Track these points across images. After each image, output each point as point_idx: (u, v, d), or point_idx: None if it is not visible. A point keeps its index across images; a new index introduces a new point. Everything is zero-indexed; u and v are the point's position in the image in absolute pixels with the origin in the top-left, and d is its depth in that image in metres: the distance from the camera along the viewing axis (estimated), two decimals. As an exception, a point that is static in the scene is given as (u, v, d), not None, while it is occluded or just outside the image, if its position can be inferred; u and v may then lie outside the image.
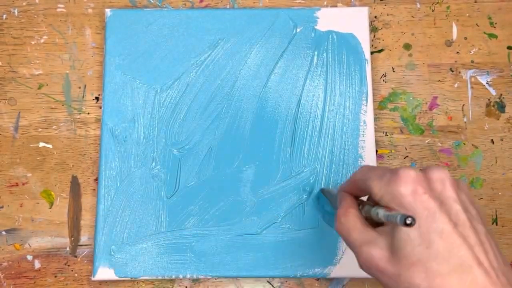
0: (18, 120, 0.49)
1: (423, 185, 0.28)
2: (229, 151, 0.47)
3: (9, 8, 0.51)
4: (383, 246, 0.29)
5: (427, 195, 0.28)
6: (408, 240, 0.27)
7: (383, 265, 0.28)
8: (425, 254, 0.26)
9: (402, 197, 0.28)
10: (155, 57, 0.49)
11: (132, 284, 0.46)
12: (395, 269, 0.27)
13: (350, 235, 0.31)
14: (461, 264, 0.26)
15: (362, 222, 0.31)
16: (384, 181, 0.29)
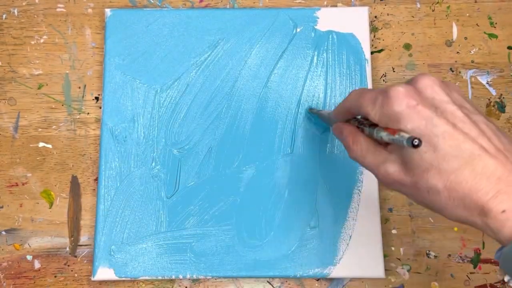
0: (18, 120, 0.49)
1: (414, 97, 0.29)
2: (229, 151, 0.47)
3: (9, 8, 0.51)
4: (396, 162, 0.31)
5: (420, 105, 0.29)
6: (415, 151, 0.29)
7: (400, 177, 0.30)
8: (434, 158, 0.28)
9: (398, 114, 0.29)
10: (155, 57, 0.49)
11: (132, 284, 0.46)
12: (412, 179, 0.29)
13: (365, 158, 0.33)
14: (469, 156, 0.28)
15: (372, 144, 0.33)
16: (378, 104, 0.31)
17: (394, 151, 0.31)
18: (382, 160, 0.31)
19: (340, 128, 0.36)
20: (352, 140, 0.34)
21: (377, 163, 0.32)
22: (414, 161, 0.29)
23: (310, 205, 0.46)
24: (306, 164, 0.47)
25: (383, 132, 0.30)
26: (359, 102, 0.32)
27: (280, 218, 0.46)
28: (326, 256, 0.45)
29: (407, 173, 0.30)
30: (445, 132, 0.28)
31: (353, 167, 0.47)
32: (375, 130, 0.31)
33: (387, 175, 0.31)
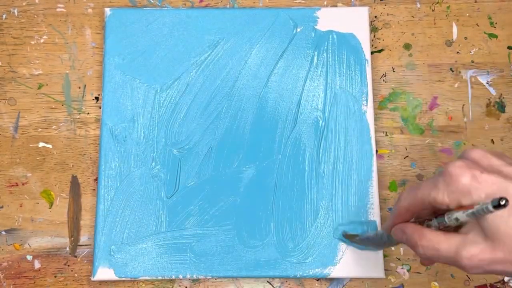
0: (18, 120, 0.49)
1: (476, 167, 0.29)
2: (229, 151, 0.47)
3: (9, 8, 0.51)
4: (477, 239, 0.29)
5: (485, 173, 0.29)
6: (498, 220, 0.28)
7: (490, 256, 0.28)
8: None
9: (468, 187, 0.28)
10: (155, 57, 0.49)
11: (132, 284, 0.46)
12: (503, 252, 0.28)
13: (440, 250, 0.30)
14: None
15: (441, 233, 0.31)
16: (441, 186, 0.30)
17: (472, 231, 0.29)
18: (460, 244, 0.29)
19: (402, 228, 0.33)
20: (419, 236, 0.31)
21: (456, 249, 0.29)
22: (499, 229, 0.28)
23: (311, 204, 0.46)
24: (306, 163, 0.47)
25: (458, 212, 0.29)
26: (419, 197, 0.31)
27: (280, 218, 0.46)
28: (326, 256, 0.45)
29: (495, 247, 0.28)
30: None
31: (354, 165, 0.47)
32: (445, 216, 0.30)
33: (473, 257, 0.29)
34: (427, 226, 0.32)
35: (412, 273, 0.46)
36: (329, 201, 0.46)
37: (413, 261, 0.46)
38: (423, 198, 0.31)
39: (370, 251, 0.44)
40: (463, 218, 0.29)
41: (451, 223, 0.30)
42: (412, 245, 0.32)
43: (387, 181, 0.48)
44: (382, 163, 0.48)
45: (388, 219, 0.36)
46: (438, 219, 0.31)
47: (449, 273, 0.46)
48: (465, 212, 0.28)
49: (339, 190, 0.46)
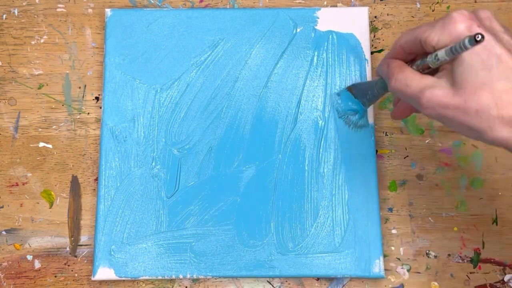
0: (18, 120, 0.49)
1: (476, 22, 0.31)
2: (229, 151, 0.47)
3: (9, 8, 0.51)
4: (445, 84, 0.31)
5: (482, 28, 0.30)
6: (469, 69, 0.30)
7: (447, 100, 0.31)
8: (488, 77, 0.30)
9: (460, 33, 0.30)
10: (155, 57, 0.49)
11: (132, 284, 0.46)
12: (461, 99, 0.30)
13: (409, 86, 0.33)
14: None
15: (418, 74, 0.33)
16: (438, 27, 0.32)
17: (443, 76, 0.32)
18: (429, 85, 0.32)
19: (388, 62, 0.36)
20: (398, 69, 0.34)
21: (423, 88, 0.32)
22: (467, 79, 0.30)
23: (311, 204, 0.46)
24: (306, 163, 0.47)
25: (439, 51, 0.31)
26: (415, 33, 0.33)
27: (280, 218, 0.46)
28: (326, 256, 0.45)
29: (455, 94, 0.30)
30: (502, 54, 0.30)
31: (354, 166, 0.47)
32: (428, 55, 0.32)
33: (433, 97, 0.31)
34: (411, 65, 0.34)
35: (412, 273, 0.46)
36: (329, 201, 0.46)
37: (413, 261, 0.46)
38: (418, 36, 0.33)
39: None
40: (442, 55, 0.31)
41: (430, 60, 0.32)
42: (389, 77, 0.34)
43: (387, 181, 0.48)
44: (382, 163, 0.48)
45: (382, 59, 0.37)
46: (421, 60, 0.33)
47: (449, 273, 0.46)
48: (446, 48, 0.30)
49: (339, 190, 0.46)
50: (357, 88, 0.46)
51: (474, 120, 0.30)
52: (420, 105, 0.32)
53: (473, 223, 0.47)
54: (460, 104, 0.30)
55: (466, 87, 0.30)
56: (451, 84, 0.31)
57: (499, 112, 0.29)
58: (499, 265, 0.46)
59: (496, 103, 0.29)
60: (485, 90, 0.29)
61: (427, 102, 0.32)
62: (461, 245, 0.46)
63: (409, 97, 0.33)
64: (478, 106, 0.30)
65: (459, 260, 0.46)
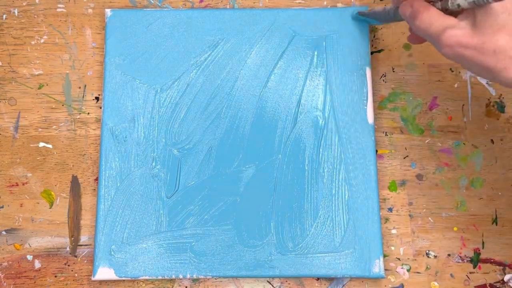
0: (18, 120, 0.49)
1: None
2: (229, 151, 0.47)
3: (9, 8, 0.51)
4: (466, 26, 0.32)
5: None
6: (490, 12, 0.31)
7: (466, 40, 0.32)
8: (508, 20, 0.31)
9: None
10: (155, 57, 0.49)
11: (132, 284, 0.46)
12: (479, 40, 0.31)
13: (432, 25, 0.34)
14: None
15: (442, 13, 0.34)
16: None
17: (466, 18, 0.32)
18: (450, 25, 0.33)
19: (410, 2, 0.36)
20: (424, 9, 0.34)
21: (445, 27, 0.33)
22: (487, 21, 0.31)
23: (311, 204, 0.46)
24: (306, 163, 0.47)
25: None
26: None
27: (280, 218, 0.46)
28: (326, 256, 0.45)
29: (475, 34, 0.31)
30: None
31: (354, 165, 0.47)
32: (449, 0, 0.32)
33: (452, 36, 0.32)
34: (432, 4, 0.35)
35: (412, 273, 0.46)
36: (329, 201, 0.46)
37: (413, 261, 0.46)
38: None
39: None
40: (464, 4, 0.31)
41: (453, 7, 0.33)
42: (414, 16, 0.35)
43: (387, 181, 0.48)
44: (382, 163, 0.48)
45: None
46: (443, 2, 0.33)
47: (449, 273, 0.46)
48: None
49: (339, 190, 0.46)
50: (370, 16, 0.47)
51: (491, 60, 0.31)
52: (439, 44, 0.33)
53: (473, 223, 0.47)
54: (478, 44, 0.31)
55: (485, 29, 0.31)
56: (471, 25, 0.32)
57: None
58: (499, 265, 0.46)
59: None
60: (504, 32, 0.30)
61: (447, 40, 0.32)
62: (461, 245, 0.47)
63: (430, 35, 0.34)
64: (496, 46, 0.31)
65: (459, 260, 0.46)
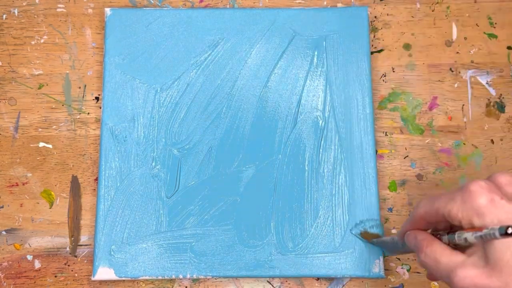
0: (18, 120, 0.49)
1: (497, 192, 0.29)
2: (229, 151, 0.47)
3: (9, 8, 0.51)
4: (478, 264, 0.29)
5: (504, 200, 0.29)
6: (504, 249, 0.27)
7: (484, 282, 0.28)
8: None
9: (483, 208, 0.28)
10: (155, 57, 0.49)
11: (132, 284, 0.46)
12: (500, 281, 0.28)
13: (440, 262, 0.31)
14: None
15: (448, 248, 0.31)
16: (459, 201, 0.30)
17: (475, 253, 0.29)
18: (459, 264, 0.29)
19: (415, 234, 0.34)
20: (427, 244, 0.32)
21: (454, 266, 0.30)
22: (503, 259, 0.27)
23: (311, 204, 0.46)
24: (306, 163, 0.47)
25: (467, 232, 0.29)
26: (435, 206, 0.31)
27: (280, 218, 0.46)
28: (326, 256, 0.45)
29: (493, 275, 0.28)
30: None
31: (354, 166, 0.47)
32: (456, 234, 0.30)
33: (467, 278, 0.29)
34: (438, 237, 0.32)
35: (412, 273, 0.46)
36: (329, 201, 0.46)
37: (413, 261, 0.46)
38: (439, 208, 0.31)
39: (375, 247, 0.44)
40: (471, 239, 0.29)
41: (460, 242, 0.30)
42: (418, 250, 0.33)
43: (387, 181, 0.48)
44: (382, 163, 0.48)
45: (403, 225, 0.36)
46: (450, 235, 0.31)
47: (449, 273, 0.46)
48: (474, 234, 0.28)
49: (339, 190, 0.46)
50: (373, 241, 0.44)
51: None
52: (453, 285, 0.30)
53: (473, 223, 0.47)
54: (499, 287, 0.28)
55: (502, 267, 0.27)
56: (484, 262, 0.28)
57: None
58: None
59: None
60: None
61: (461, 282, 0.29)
62: (461, 245, 0.46)
63: (439, 274, 0.31)
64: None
65: (459, 260, 0.46)
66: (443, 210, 0.31)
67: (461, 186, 0.30)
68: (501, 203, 0.28)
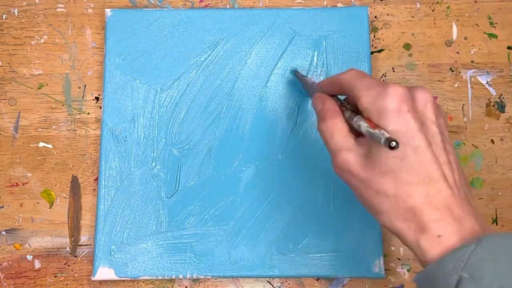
0: (18, 120, 0.49)
1: (408, 103, 0.30)
2: (229, 151, 0.47)
3: (9, 8, 0.51)
4: (360, 154, 0.31)
5: (410, 114, 0.30)
6: (384, 151, 0.29)
7: (356, 169, 0.31)
8: (398, 165, 0.29)
9: (387, 112, 0.30)
10: (155, 57, 0.49)
11: (132, 284, 0.46)
12: (367, 174, 0.30)
13: (332, 138, 0.33)
14: (429, 177, 0.29)
15: (345, 129, 0.33)
16: (372, 94, 0.31)
17: (363, 145, 0.31)
18: (347, 147, 0.32)
19: (323, 99, 0.35)
20: (329, 115, 0.33)
21: (341, 147, 0.32)
22: (378, 160, 0.30)
23: (311, 205, 0.46)
24: (307, 163, 0.47)
25: (364, 122, 0.30)
26: (355, 83, 0.32)
27: (280, 218, 0.46)
28: (326, 256, 0.45)
29: (365, 168, 0.30)
30: (419, 147, 0.29)
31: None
32: (356, 117, 0.31)
33: (346, 161, 0.31)
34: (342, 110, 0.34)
35: (412, 273, 0.46)
36: (329, 201, 0.46)
37: (413, 261, 0.46)
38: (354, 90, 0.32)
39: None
40: (364, 130, 0.30)
41: (355, 126, 0.31)
42: (320, 117, 0.34)
43: (387, 181, 0.48)
44: (382, 163, 0.48)
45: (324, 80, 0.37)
46: (350, 114, 0.32)
47: (449, 273, 0.46)
48: (367, 127, 0.30)
49: (339, 190, 0.46)
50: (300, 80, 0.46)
51: (372, 201, 0.30)
52: (333, 162, 0.32)
53: (473, 223, 0.47)
54: (365, 179, 0.30)
55: (375, 166, 0.30)
56: (365, 156, 0.31)
57: (396, 204, 0.29)
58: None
59: (396, 193, 0.29)
60: (390, 176, 0.29)
61: (340, 163, 0.32)
62: (461, 245, 0.46)
63: (327, 146, 0.33)
64: (380, 188, 0.29)
65: (459, 260, 0.46)
66: (358, 92, 0.31)
67: (385, 83, 0.31)
68: (406, 115, 0.29)
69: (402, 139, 0.29)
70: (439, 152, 0.30)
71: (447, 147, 0.31)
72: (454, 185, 0.30)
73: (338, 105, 0.35)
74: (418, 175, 0.29)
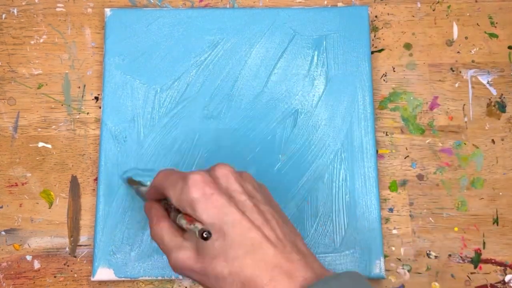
0: (17, 120, 0.49)
1: (210, 185, 0.31)
2: (229, 151, 0.47)
3: (8, 8, 0.51)
4: (190, 248, 0.32)
5: (216, 194, 0.31)
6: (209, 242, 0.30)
7: (191, 264, 0.31)
8: (223, 246, 0.30)
9: (195, 203, 0.31)
10: (155, 57, 0.49)
11: (131, 284, 0.46)
12: (201, 265, 0.31)
13: (163, 241, 0.33)
14: (252, 244, 0.30)
15: (172, 229, 0.34)
16: (178, 190, 0.32)
17: (190, 239, 0.32)
18: (177, 246, 0.32)
19: (150, 206, 0.36)
20: (156, 221, 0.34)
21: (171, 248, 0.32)
22: (206, 248, 0.31)
23: (311, 205, 0.46)
24: (307, 163, 0.47)
25: (183, 219, 0.31)
26: (164, 184, 0.33)
27: (280, 218, 0.45)
28: (326, 256, 0.45)
29: (198, 260, 0.31)
30: (234, 221, 0.30)
31: (355, 166, 0.46)
32: (178, 215, 0.32)
33: (179, 260, 0.32)
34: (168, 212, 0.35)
35: (413, 274, 0.46)
36: (329, 201, 0.46)
37: (413, 261, 0.46)
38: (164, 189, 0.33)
39: None
40: (184, 227, 0.31)
41: (178, 223, 0.32)
42: (149, 224, 0.35)
43: (387, 181, 0.48)
44: (382, 163, 0.48)
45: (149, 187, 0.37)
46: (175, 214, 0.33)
47: (450, 273, 0.46)
48: (186, 224, 0.31)
49: (339, 190, 0.46)
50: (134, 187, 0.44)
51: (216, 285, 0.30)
52: (170, 263, 0.33)
53: (473, 223, 0.47)
54: (201, 270, 0.31)
55: (205, 255, 0.31)
56: (195, 248, 0.31)
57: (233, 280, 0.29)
58: (500, 266, 0.46)
59: (230, 271, 0.29)
60: (220, 258, 0.30)
61: (174, 263, 0.32)
62: (461, 245, 0.46)
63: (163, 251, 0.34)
64: (216, 273, 0.30)
65: (459, 260, 0.46)
66: (168, 192, 0.33)
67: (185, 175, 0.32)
68: (212, 198, 0.31)
69: (217, 220, 0.30)
70: (254, 217, 0.31)
71: (262, 207, 0.32)
72: (278, 242, 0.30)
73: (164, 208, 0.36)
74: (242, 246, 0.30)
